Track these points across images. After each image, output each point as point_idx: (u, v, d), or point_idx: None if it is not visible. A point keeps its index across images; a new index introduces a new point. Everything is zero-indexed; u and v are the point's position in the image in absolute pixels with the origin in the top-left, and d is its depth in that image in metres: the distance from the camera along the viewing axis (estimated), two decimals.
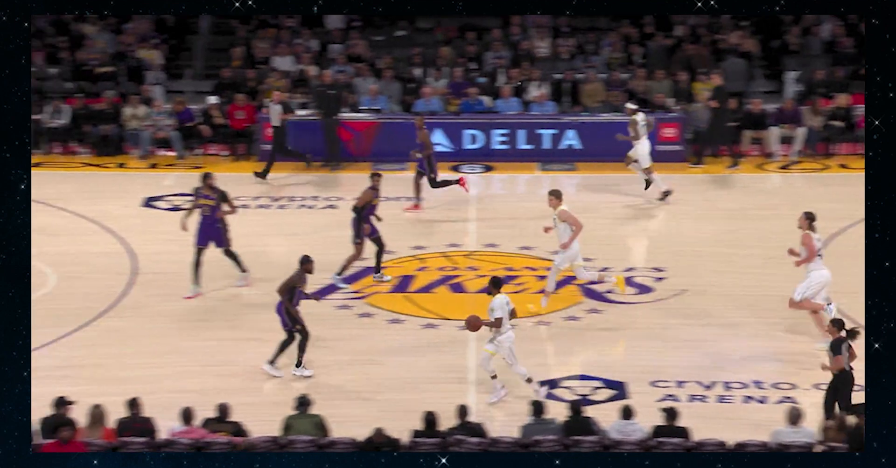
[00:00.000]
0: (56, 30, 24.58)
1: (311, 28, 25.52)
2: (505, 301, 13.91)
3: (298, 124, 22.53)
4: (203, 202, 16.36)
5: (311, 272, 14.56)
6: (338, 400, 13.80)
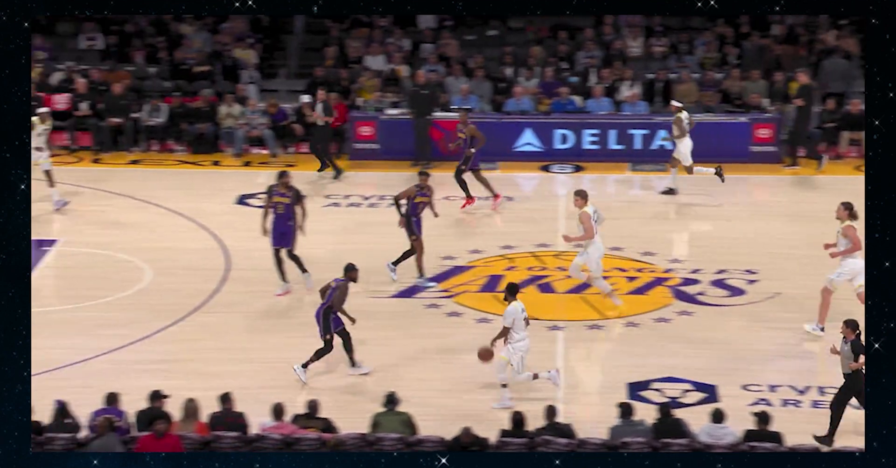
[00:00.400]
0: (155, 30, 25.06)
1: (404, 28, 25.66)
2: (519, 308, 13.80)
3: (390, 123, 22.68)
4: (277, 200, 16.42)
5: (355, 280, 14.52)
6: (425, 397, 13.86)
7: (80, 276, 17.19)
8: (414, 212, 16.98)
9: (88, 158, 22.43)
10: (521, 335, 13.79)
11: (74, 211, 19.78)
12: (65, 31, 25.30)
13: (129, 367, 14.57)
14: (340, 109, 23.06)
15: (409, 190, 17.05)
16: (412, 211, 16.98)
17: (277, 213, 16.41)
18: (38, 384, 13.81)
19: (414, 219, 16.95)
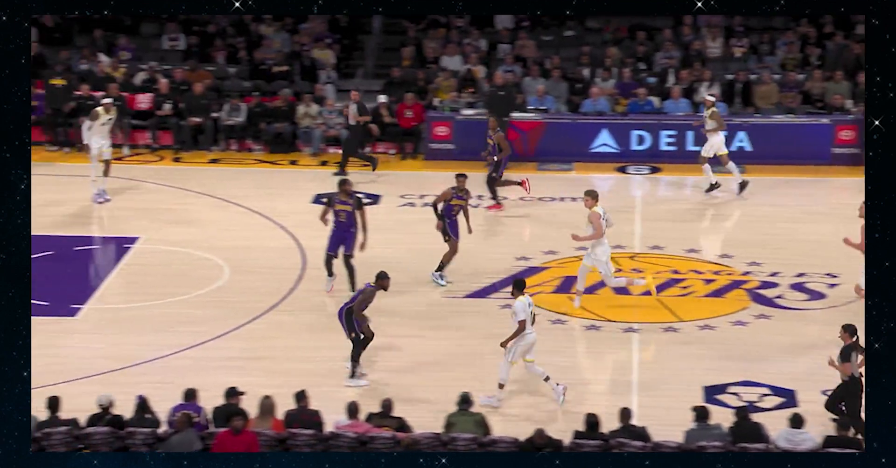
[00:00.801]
0: (236, 30, 25.35)
1: (481, 28, 25.67)
2: (527, 303, 13.78)
3: (466, 123, 22.69)
4: (339, 208, 16.45)
5: (385, 288, 14.48)
6: (503, 400, 13.84)
7: (159, 274, 17.43)
8: (448, 214, 17.02)
9: (169, 157, 22.76)
10: (529, 329, 13.78)
11: (155, 209, 20.08)
12: (148, 31, 25.70)
13: (206, 364, 14.75)
14: (416, 109, 23.15)
15: (446, 192, 17.09)
16: (447, 213, 17.01)
17: (339, 221, 16.44)
18: (117, 379, 14.24)
19: (448, 221, 16.98)
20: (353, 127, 21.73)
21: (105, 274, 17.40)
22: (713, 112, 20.52)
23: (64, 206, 20.09)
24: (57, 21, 25.05)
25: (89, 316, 16.16)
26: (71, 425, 11.78)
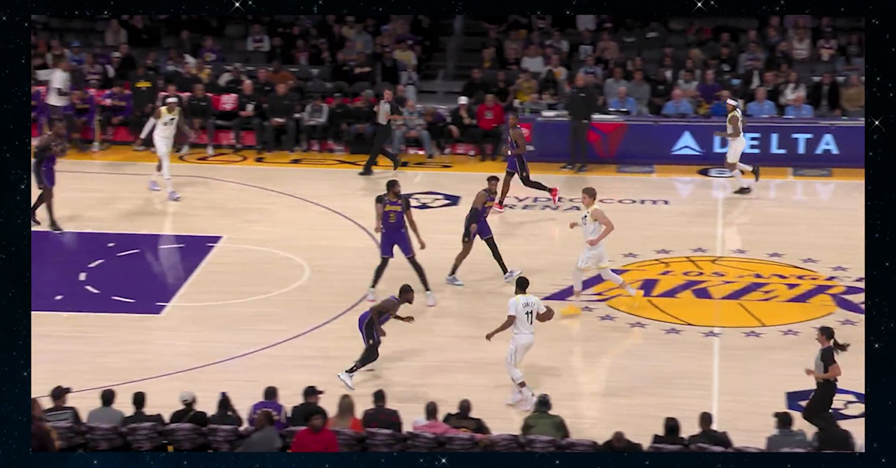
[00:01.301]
0: (319, 32, 25.58)
1: (562, 29, 25.59)
2: (523, 302, 13.73)
3: (546, 125, 22.65)
4: (390, 209, 16.38)
5: (410, 302, 14.48)
6: (577, 401, 13.80)
7: (241, 273, 17.62)
8: (482, 215, 17.03)
9: (252, 157, 23.02)
10: (521, 330, 13.71)
11: (238, 208, 20.33)
12: (234, 33, 26.04)
13: (286, 363, 14.88)
14: (496, 111, 23.15)
15: (481, 196, 17.07)
16: (480, 215, 17.04)
17: (389, 222, 16.39)
18: (200, 376, 14.44)
19: (479, 221, 16.99)
20: (383, 126, 21.92)
21: (189, 272, 17.62)
22: (732, 116, 20.48)
23: (150, 206, 20.43)
24: (146, 23, 25.49)
25: (173, 313, 16.38)
26: (155, 421, 11.97)
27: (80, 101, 23.00)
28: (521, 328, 13.78)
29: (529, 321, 13.84)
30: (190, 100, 23.13)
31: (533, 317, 13.86)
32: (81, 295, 16.74)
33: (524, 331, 13.80)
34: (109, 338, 15.54)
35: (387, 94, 22.09)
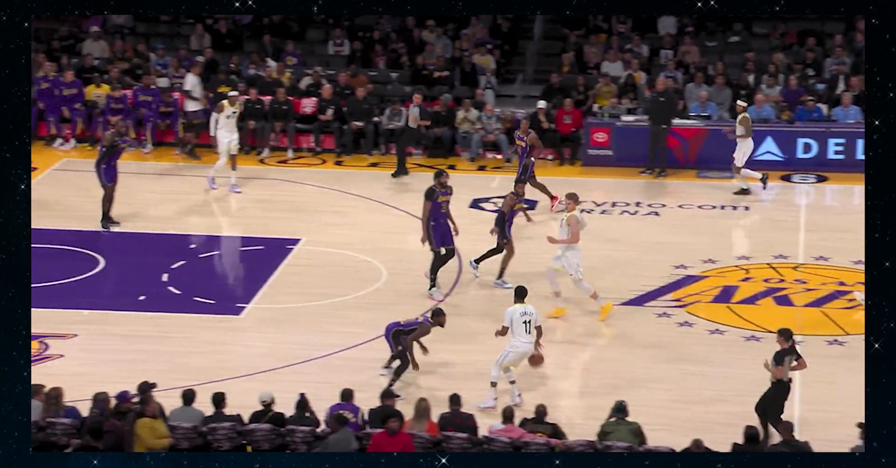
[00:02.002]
0: (399, 36, 25.70)
1: (643, 34, 25.43)
2: (520, 311, 13.79)
3: (625, 130, 22.52)
4: (443, 200, 16.71)
5: (442, 325, 14.46)
6: (655, 408, 13.69)
7: (319, 275, 17.74)
8: (510, 218, 17.08)
9: (331, 160, 23.18)
10: (518, 339, 13.74)
11: (317, 211, 20.48)
12: (315, 37, 26.27)
13: (363, 365, 14.94)
14: (575, 115, 23.07)
15: (510, 199, 17.14)
16: (509, 217, 17.10)
17: (441, 213, 16.66)
18: (278, 377, 14.57)
19: (508, 223, 17.02)
20: (411, 129, 22.08)
21: (268, 274, 17.76)
22: (743, 117, 20.50)
23: (231, 208, 20.67)
24: (230, 27, 25.83)
25: (252, 315, 16.53)
26: (235, 421, 12.08)
27: (164, 105, 23.36)
28: (518, 337, 13.85)
29: (527, 330, 13.88)
30: (271, 103, 23.38)
31: (531, 327, 13.90)
32: (164, 296, 16.98)
33: (521, 341, 13.87)
34: (190, 339, 15.73)
35: (416, 98, 22.27)
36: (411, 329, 14.41)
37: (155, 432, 11.61)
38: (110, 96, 23.30)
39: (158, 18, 26.30)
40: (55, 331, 15.74)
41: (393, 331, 14.48)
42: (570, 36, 25.46)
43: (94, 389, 12.38)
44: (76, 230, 19.07)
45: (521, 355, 13.97)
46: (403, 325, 14.48)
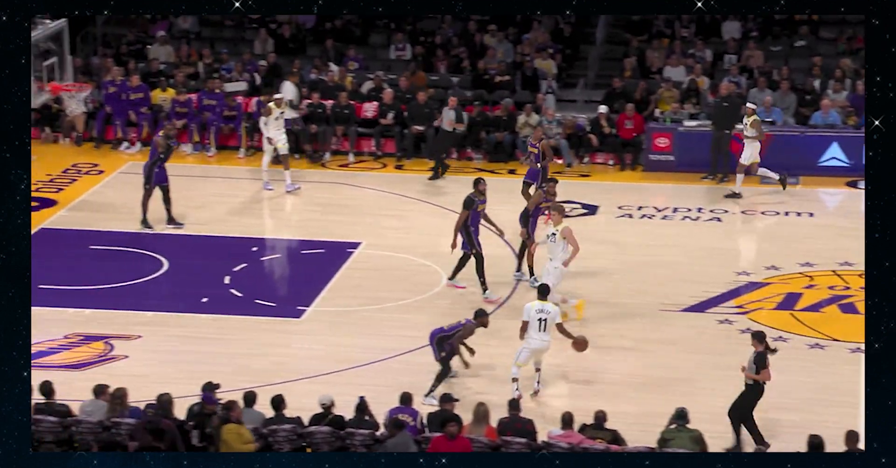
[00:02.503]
0: (460, 40, 25.74)
1: (706, 39, 25.25)
2: (537, 308, 14.00)
3: (687, 135, 22.38)
4: (482, 208, 17.07)
5: (485, 325, 14.54)
6: (716, 415, 13.56)
7: (379, 278, 17.82)
8: (536, 215, 17.28)
9: (392, 164, 23.28)
10: (532, 335, 13.94)
11: (377, 215, 20.58)
12: (377, 41, 26.40)
13: (423, 369, 14.96)
14: (637, 120, 22.95)
15: (538, 196, 17.41)
16: (535, 214, 17.28)
17: (478, 220, 17.02)
18: (337, 380, 14.66)
19: (533, 220, 17.22)
20: (446, 132, 22.14)
21: (328, 277, 17.87)
22: (754, 120, 20.53)
23: (292, 212, 20.84)
24: (293, 31, 26.04)
25: (312, 317, 16.65)
26: (295, 423, 12.16)
27: (227, 109, 23.61)
28: (531, 334, 14.07)
29: (542, 328, 14.05)
30: (332, 107, 23.53)
31: (547, 325, 14.02)
32: (226, 298, 17.14)
33: (533, 338, 14.07)
34: (251, 341, 15.86)
35: (451, 101, 22.37)
36: (454, 332, 14.44)
37: (241, 437, 11.66)
38: (175, 100, 23.61)
39: (223, 23, 26.58)
40: (120, 332, 15.97)
41: (437, 336, 14.54)
42: (633, 41, 25.34)
43: (157, 390, 12.51)
44: (140, 233, 19.32)
45: (534, 352, 14.17)
46: (447, 330, 14.53)
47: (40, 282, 17.18)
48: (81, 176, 21.94)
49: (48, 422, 12.06)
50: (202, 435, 11.84)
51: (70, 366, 15.02)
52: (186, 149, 23.28)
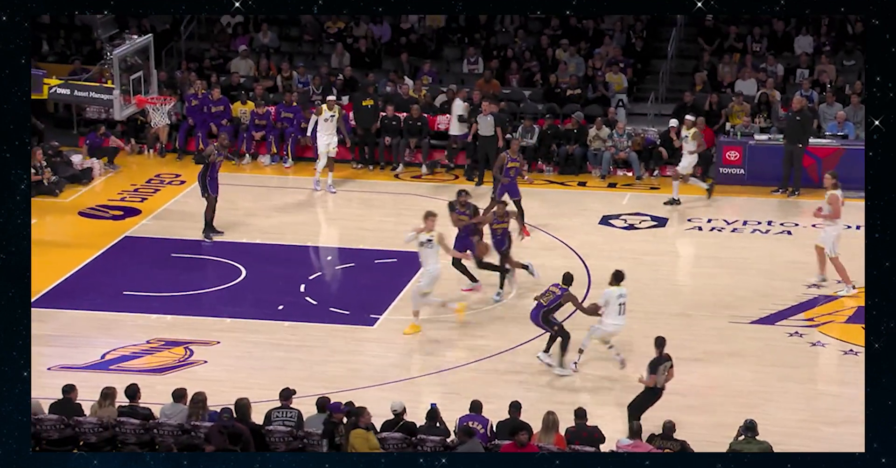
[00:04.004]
0: (532, 55, 26.02)
1: (778, 53, 25.28)
2: (617, 293, 14.41)
3: (758, 149, 22.44)
4: (459, 218, 17.47)
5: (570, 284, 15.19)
6: (784, 428, 13.67)
7: (450, 288, 17.89)
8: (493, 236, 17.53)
9: (464, 176, 23.55)
10: (609, 318, 14.38)
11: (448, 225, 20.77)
12: (450, 55, 26.77)
13: (493, 377, 15.21)
14: (707, 134, 23.05)
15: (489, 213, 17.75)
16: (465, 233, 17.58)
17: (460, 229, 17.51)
18: (408, 387, 14.92)
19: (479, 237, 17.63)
20: (485, 138, 22.50)
21: (401, 286, 18.13)
22: (694, 132, 20.94)
23: (366, 222, 21.21)
24: (369, 46, 26.51)
25: (385, 325, 16.91)
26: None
27: (304, 121, 24.13)
28: (610, 317, 14.51)
29: (620, 312, 14.49)
30: (406, 120, 23.94)
31: (625, 309, 14.50)
32: (301, 305, 17.50)
33: (612, 321, 14.55)
34: (326, 348, 16.18)
35: (485, 108, 22.63)
36: (556, 304, 14.93)
37: (368, 442, 11.87)
38: (254, 113, 24.18)
39: (302, 38, 27.13)
40: (200, 337, 16.38)
41: (541, 314, 14.94)
42: (704, 55, 25.44)
43: (234, 395, 12.87)
44: (220, 241, 19.79)
45: (608, 335, 14.66)
46: (547, 305, 14.96)
47: (124, 288, 17.89)
48: (164, 186, 22.52)
49: (131, 424, 12.39)
50: (331, 444, 12.02)
51: (152, 370, 15.40)
52: (264, 160, 23.86)
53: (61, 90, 17.68)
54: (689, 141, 21.22)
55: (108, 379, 14.35)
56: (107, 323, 16.85)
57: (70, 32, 27.32)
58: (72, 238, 20.12)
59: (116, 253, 19.43)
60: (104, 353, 15.84)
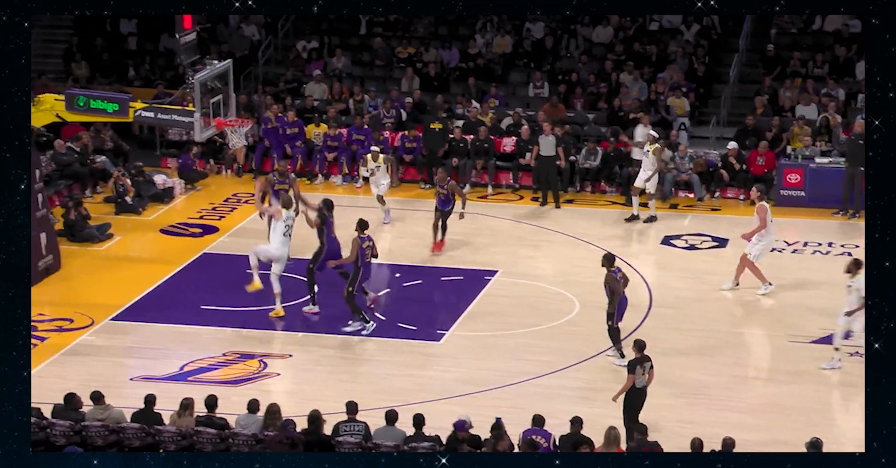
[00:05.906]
0: (597, 78, 26.52)
1: (839, 78, 25.53)
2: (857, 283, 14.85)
3: (819, 172, 22.71)
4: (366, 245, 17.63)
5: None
6: (842, 447, 13.75)
7: (515, 305, 18.45)
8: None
9: (528, 196, 23.98)
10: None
11: (514, 245, 21.29)
12: (516, 80, 27.33)
13: (555, 393, 15.56)
14: (768, 157, 23.37)
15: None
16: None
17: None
18: (473, 401, 15.24)
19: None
20: (545, 158, 22.92)
21: (467, 303, 18.55)
22: (655, 148, 21.26)
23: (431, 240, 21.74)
24: (437, 70, 27.19)
25: (451, 341, 17.32)
26: (434, 441, 12.68)
27: (375, 143, 24.81)
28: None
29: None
30: (473, 142, 24.55)
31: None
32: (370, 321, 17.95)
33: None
34: (394, 362, 16.61)
35: (546, 128, 23.02)
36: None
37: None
38: (327, 135, 24.93)
39: (373, 63, 27.88)
40: (273, 351, 16.95)
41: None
42: (766, 80, 25.74)
43: (306, 407, 13.25)
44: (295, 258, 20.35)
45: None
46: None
47: (202, 303, 18.59)
48: (241, 204, 23.17)
49: (208, 433, 12.73)
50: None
51: (227, 381, 15.86)
52: (336, 180, 24.57)
53: (146, 113, 18.32)
54: (650, 156, 21.54)
55: (186, 390, 14.86)
56: (185, 336, 17.42)
57: (155, 58, 28.34)
58: (154, 254, 20.85)
59: (195, 269, 20.13)
60: (182, 365, 16.38)
